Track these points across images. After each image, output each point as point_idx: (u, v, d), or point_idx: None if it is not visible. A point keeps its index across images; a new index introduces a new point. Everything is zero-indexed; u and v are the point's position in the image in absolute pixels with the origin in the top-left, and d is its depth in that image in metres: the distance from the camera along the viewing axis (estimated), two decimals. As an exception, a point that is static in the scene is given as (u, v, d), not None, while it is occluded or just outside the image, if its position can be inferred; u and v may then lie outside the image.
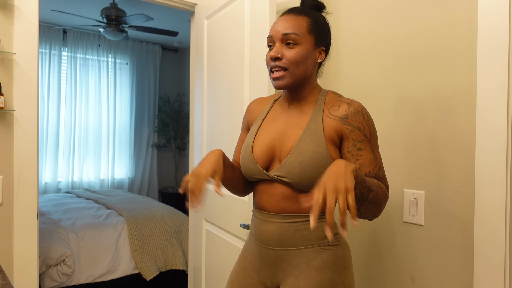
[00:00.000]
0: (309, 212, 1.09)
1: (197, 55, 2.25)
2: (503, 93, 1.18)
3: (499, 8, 1.19)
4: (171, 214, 3.34)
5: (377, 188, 0.99)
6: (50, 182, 4.92)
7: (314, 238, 1.09)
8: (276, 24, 1.10)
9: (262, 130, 1.18)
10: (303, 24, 1.08)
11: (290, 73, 1.07)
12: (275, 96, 1.26)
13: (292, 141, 1.09)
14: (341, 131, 1.07)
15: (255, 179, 1.16)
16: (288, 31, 1.06)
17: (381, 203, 1.01)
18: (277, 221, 1.10)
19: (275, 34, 1.09)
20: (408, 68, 1.44)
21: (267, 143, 1.14)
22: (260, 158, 1.13)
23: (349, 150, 1.06)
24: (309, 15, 1.10)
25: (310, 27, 1.08)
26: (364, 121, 1.07)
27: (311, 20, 1.09)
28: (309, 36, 1.08)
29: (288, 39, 1.07)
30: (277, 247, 1.11)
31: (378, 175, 1.05)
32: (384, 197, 1.02)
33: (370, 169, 1.04)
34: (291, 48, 1.07)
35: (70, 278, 2.70)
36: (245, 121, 1.31)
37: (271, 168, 1.14)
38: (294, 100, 1.15)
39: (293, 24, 1.07)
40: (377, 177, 1.04)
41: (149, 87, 5.71)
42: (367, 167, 1.04)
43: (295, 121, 1.12)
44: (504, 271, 1.18)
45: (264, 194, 1.13)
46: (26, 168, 1.73)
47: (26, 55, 1.72)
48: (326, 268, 1.07)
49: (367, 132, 1.06)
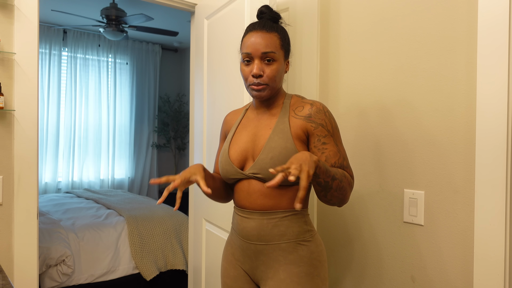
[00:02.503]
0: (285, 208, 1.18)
1: (197, 55, 2.25)
2: (503, 93, 1.18)
3: (499, 8, 1.19)
4: (171, 214, 3.34)
5: (341, 177, 1.11)
6: (50, 182, 4.92)
7: (290, 234, 1.18)
8: (252, 40, 1.17)
9: (237, 135, 1.29)
10: (276, 40, 1.17)
11: (270, 87, 1.18)
12: (247, 106, 1.38)
13: (262, 141, 1.20)
14: (306, 128, 1.18)
15: (233, 180, 1.25)
16: (267, 49, 1.15)
17: (346, 190, 1.13)
18: (256, 218, 1.19)
19: (254, 52, 1.16)
20: (408, 68, 1.44)
21: (241, 146, 1.25)
22: (235, 160, 1.24)
23: (315, 145, 1.17)
24: (278, 31, 1.20)
25: (281, 43, 1.19)
26: (326, 118, 1.18)
27: (280, 36, 1.20)
28: (281, 52, 1.19)
29: (267, 57, 1.16)
30: (256, 242, 1.19)
31: (343, 164, 1.17)
32: (349, 185, 1.14)
33: (335, 160, 1.16)
34: (270, 64, 1.17)
35: (70, 278, 2.70)
36: (222, 132, 1.42)
37: (246, 167, 1.23)
38: (263, 106, 1.27)
39: (269, 42, 1.16)
40: (342, 167, 1.17)
41: (149, 87, 5.71)
42: (332, 158, 1.16)
43: (264, 123, 1.24)
44: (504, 271, 1.18)
45: (242, 193, 1.22)
46: (26, 168, 1.73)
47: (26, 55, 1.72)
48: (302, 262, 1.17)
49: (329, 127, 1.18)
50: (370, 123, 1.57)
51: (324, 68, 1.76)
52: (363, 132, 1.60)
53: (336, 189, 1.09)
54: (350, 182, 1.15)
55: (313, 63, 1.76)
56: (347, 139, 1.66)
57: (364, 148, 1.59)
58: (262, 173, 1.17)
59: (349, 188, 1.14)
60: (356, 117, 1.63)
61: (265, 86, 1.17)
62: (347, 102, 1.67)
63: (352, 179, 1.18)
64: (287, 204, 1.18)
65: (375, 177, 1.55)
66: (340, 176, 1.11)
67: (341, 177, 1.11)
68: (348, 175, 1.15)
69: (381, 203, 1.53)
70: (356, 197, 1.63)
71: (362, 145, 1.60)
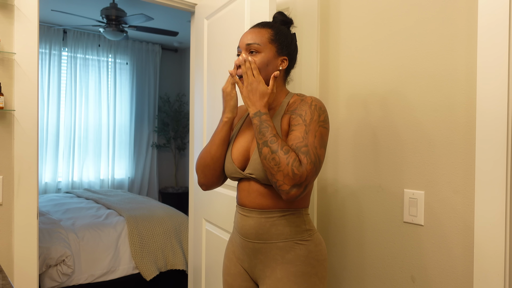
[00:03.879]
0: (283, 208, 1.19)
1: (197, 55, 2.25)
2: (503, 93, 1.18)
3: (499, 8, 1.19)
4: (171, 214, 3.34)
5: (278, 150, 1.06)
6: (50, 182, 4.92)
7: (288, 233, 1.18)
8: (242, 36, 1.25)
9: (240, 134, 1.30)
10: (265, 35, 1.21)
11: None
12: None
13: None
14: (289, 121, 1.19)
15: (234, 178, 1.27)
16: (250, 41, 1.21)
17: (273, 168, 1.06)
18: (255, 216, 1.20)
19: (241, 45, 1.23)
20: (408, 68, 1.44)
21: (243, 145, 1.26)
22: (237, 159, 1.26)
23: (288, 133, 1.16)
24: (272, 27, 1.24)
25: (272, 38, 1.22)
26: (309, 110, 1.15)
27: (273, 32, 1.23)
28: (270, 46, 1.21)
29: (251, 49, 1.20)
30: (255, 240, 1.20)
31: (300, 149, 1.08)
32: (283, 163, 1.05)
33: (293, 142, 1.10)
34: (254, 56, 1.20)
35: (70, 278, 2.70)
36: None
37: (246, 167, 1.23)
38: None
39: (256, 36, 1.21)
40: (297, 150, 1.09)
41: (149, 87, 5.71)
42: (292, 141, 1.11)
43: None
44: (504, 271, 1.18)
45: (243, 192, 1.24)
46: (26, 168, 1.73)
47: (26, 55, 1.72)
48: (299, 261, 1.17)
49: (307, 118, 1.14)
50: (370, 123, 1.57)
51: (324, 68, 1.76)
52: (363, 132, 1.60)
53: (265, 157, 1.08)
54: (289, 163, 1.04)
55: (313, 63, 1.76)
56: (347, 139, 1.66)
57: (364, 148, 1.59)
58: (255, 173, 1.18)
59: (281, 167, 1.04)
60: (356, 116, 1.63)
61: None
62: (347, 102, 1.67)
63: (299, 165, 1.05)
64: (285, 204, 1.19)
65: (375, 177, 1.55)
66: (277, 148, 1.06)
67: (278, 150, 1.05)
68: (293, 157, 1.05)
69: (381, 203, 1.53)
70: (356, 197, 1.63)
71: (362, 145, 1.60)
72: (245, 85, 1.17)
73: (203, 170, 1.29)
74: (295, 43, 1.29)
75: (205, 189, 1.34)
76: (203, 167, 1.29)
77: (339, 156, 1.69)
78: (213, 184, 1.32)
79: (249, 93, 1.17)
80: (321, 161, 1.11)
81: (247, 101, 1.17)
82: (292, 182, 1.05)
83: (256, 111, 1.15)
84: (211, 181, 1.31)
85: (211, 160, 1.27)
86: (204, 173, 1.30)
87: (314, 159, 1.08)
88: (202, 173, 1.30)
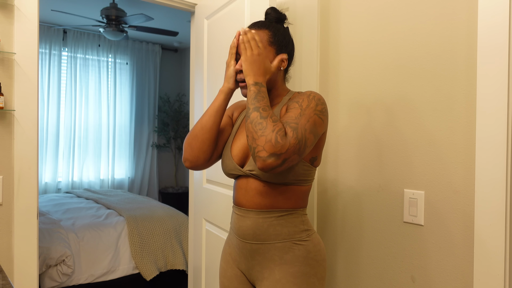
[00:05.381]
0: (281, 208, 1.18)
1: (197, 55, 2.25)
2: (503, 93, 1.18)
3: (499, 8, 1.19)
4: (171, 214, 3.34)
5: (268, 118, 1.04)
6: (50, 182, 4.92)
7: (286, 234, 1.17)
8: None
9: (240, 130, 1.28)
10: (264, 37, 1.20)
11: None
12: None
13: None
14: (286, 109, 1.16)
15: (232, 176, 1.25)
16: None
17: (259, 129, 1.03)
18: (252, 216, 1.19)
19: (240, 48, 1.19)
20: (408, 68, 1.44)
21: (243, 142, 1.24)
22: (236, 156, 1.24)
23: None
24: (269, 28, 1.22)
25: (271, 40, 1.20)
26: (307, 98, 1.13)
27: (271, 33, 1.21)
28: (269, 48, 1.20)
29: None
30: (252, 241, 1.19)
31: (289, 124, 1.05)
32: (268, 129, 1.02)
33: (284, 120, 1.08)
34: None
35: (70, 278, 2.70)
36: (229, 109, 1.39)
37: (246, 164, 1.22)
38: None
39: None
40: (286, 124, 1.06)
41: (149, 87, 5.71)
42: (284, 119, 1.08)
43: None
44: (504, 271, 1.18)
45: (241, 190, 1.22)
46: (26, 168, 1.73)
47: (26, 55, 1.72)
48: (298, 262, 1.16)
49: (303, 104, 1.11)
50: (370, 123, 1.57)
51: (324, 68, 1.76)
52: (363, 131, 1.60)
53: (252, 121, 1.05)
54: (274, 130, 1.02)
55: (313, 63, 1.76)
56: (347, 139, 1.66)
57: (364, 147, 1.59)
58: (256, 170, 1.16)
59: (266, 134, 1.02)
60: (356, 116, 1.63)
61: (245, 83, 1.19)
62: (347, 102, 1.67)
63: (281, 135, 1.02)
64: (283, 203, 1.18)
65: (375, 177, 1.55)
66: (266, 116, 1.04)
67: (267, 117, 1.04)
68: (279, 127, 1.03)
69: (381, 203, 1.53)
70: (356, 197, 1.63)
71: (362, 145, 1.60)
72: (248, 54, 1.14)
73: (190, 142, 1.23)
74: (292, 40, 1.28)
75: (189, 166, 1.25)
76: (191, 138, 1.23)
77: (340, 156, 1.69)
78: (198, 159, 1.23)
79: (252, 63, 1.13)
80: (306, 145, 1.06)
81: (249, 69, 1.13)
82: (272, 149, 1.00)
83: (257, 81, 1.11)
84: (196, 155, 1.22)
85: (200, 130, 1.21)
86: (191, 146, 1.22)
87: (301, 137, 1.04)
88: (188, 146, 1.23)
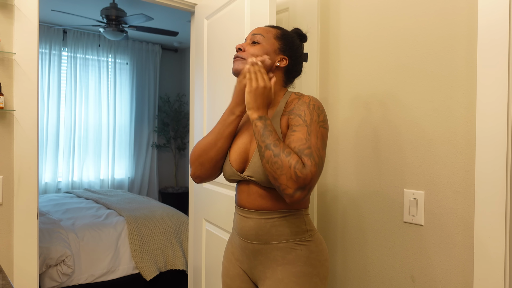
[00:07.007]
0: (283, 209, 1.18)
1: (197, 55, 2.25)
2: (503, 93, 1.18)
3: (499, 8, 1.19)
4: (171, 214, 3.34)
5: (281, 153, 1.04)
6: (50, 182, 4.92)
7: (288, 234, 1.18)
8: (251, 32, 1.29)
9: (239, 135, 1.28)
10: (271, 31, 1.26)
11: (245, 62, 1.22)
12: None
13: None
14: (288, 122, 1.18)
15: (233, 181, 1.26)
16: (256, 32, 1.26)
17: (277, 168, 1.04)
18: (254, 217, 1.19)
19: (248, 37, 1.28)
20: (408, 68, 1.44)
21: (241, 147, 1.25)
22: (235, 161, 1.24)
23: (287, 134, 1.13)
24: (282, 29, 1.28)
25: (278, 36, 1.25)
26: (308, 109, 1.14)
27: (280, 32, 1.27)
28: (273, 41, 1.24)
29: (254, 39, 1.25)
30: (254, 241, 1.20)
31: (303, 152, 1.05)
32: (285, 166, 1.03)
33: (295, 145, 1.07)
34: (254, 45, 1.24)
35: (70, 278, 2.70)
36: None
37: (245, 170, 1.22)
38: None
39: (263, 30, 1.26)
40: (300, 152, 1.06)
41: (149, 87, 5.71)
42: (294, 143, 1.08)
43: None
44: (504, 271, 1.18)
45: (243, 193, 1.23)
46: (26, 168, 1.73)
47: (26, 55, 1.72)
48: (301, 262, 1.16)
49: (307, 118, 1.12)
50: (370, 123, 1.57)
51: (324, 68, 1.76)
52: (363, 132, 1.60)
53: (268, 161, 1.05)
54: (291, 166, 1.02)
55: (313, 63, 1.76)
56: (348, 139, 1.66)
57: (364, 148, 1.59)
58: (255, 176, 1.16)
59: (284, 170, 1.03)
60: (356, 116, 1.63)
61: (240, 59, 1.23)
62: (347, 102, 1.67)
63: (302, 167, 1.02)
64: (285, 205, 1.18)
65: (375, 177, 1.55)
66: (279, 152, 1.04)
67: (280, 154, 1.03)
68: (295, 160, 1.03)
69: (381, 203, 1.53)
70: (356, 197, 1.63)
71: (362, 145, 1.60)
72: (254, 86, 1.15)
73: (203, 162, 1.25)
74: (301, 51, 1.28)
75: (199, 182, 1.30)
76: (203, 159, 1.24)
77: (340, 156, 1.69)
78: (209, 176, 1.28)
79: (257, 96, 1.14)
80: (323, 163, 1.09)
81: (252, 102, 1.14)
82: (296, 185, 1.02)
83: (261, 116, 1.13)
84: (208, 174, 1.27)
85: (215, 153, 1.23)
86: (203, 166, 1.25)
87: (318, 161, 1.05)
88: (200, 165, 1.25)
